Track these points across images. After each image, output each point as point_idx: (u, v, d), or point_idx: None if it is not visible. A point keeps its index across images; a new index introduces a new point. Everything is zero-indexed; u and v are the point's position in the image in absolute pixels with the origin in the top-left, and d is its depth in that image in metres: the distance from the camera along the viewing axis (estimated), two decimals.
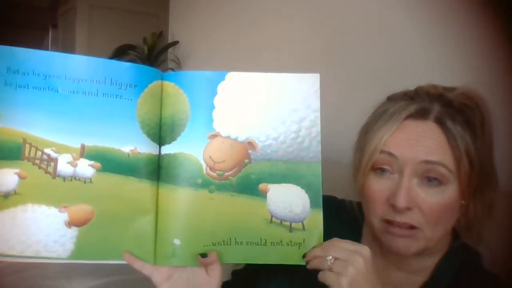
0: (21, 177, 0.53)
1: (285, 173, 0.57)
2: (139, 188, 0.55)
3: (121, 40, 2.43)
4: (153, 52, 2.43)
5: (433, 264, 0.60)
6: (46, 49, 3.35)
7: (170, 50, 2.54)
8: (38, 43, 3.95)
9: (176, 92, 0.57)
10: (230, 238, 0.58)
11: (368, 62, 1.31)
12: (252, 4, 1.91)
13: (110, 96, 0.54)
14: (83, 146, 0.54)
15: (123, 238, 0.56)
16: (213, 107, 0.56)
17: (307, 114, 0.57)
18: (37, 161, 0.53)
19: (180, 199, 0.56)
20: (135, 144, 0.55)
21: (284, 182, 0.57)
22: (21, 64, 0.52)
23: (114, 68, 0.55)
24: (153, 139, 0.56)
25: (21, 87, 0.52)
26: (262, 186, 0.57)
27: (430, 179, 0.54)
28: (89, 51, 2.46)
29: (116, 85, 0.54)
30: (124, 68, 0.55)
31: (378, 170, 0.57)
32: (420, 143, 0.54)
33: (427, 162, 0.54)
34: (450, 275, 0.58)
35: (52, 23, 3.18)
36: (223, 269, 0.59)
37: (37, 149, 0.52)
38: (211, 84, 0.57)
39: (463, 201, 0.56)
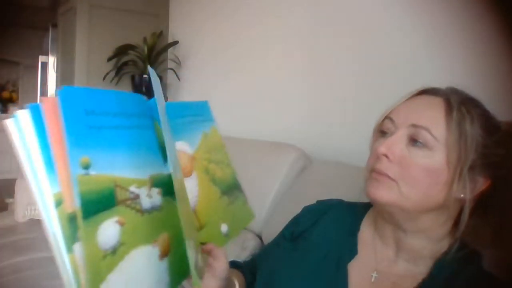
0: (121, 224, 0.48)
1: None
2: (176, 208, 0.56)
3: (121, 40, 2.43)
4: (153, 52, 2.43)
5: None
6: (46, 49, 3.35)
7: (170, 50, 2.55)
8: (38, 43, 3.96)
9: None
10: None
11: (370, 65, 1.31)
12: (251, 4, 1.91)
13: (148, 128, 0.56)
14: (151, 177, 0.54)
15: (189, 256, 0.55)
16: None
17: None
18: (128, 202, 0.49)
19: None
20: (167, 168, 0.57)
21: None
22: (97, 104, 0.48)
23: (143, 102, 0.57)
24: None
25: (101, 128, 0.48)
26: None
27: (417, 141, 0.59)
28: (89, 51, 2.46)
29: (147, 117, 0.57)
30: (145, 102, 0.58)
31: (383, 132, 0.64)
32: (418, 111, 0.61)
33: (414, 126, 0.59)
34: (448, 274, 0.58)
35: (52, 23, 3.17)
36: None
37: (125, 189, 0.49)
38: None
39: (462, 195, 0.57)
